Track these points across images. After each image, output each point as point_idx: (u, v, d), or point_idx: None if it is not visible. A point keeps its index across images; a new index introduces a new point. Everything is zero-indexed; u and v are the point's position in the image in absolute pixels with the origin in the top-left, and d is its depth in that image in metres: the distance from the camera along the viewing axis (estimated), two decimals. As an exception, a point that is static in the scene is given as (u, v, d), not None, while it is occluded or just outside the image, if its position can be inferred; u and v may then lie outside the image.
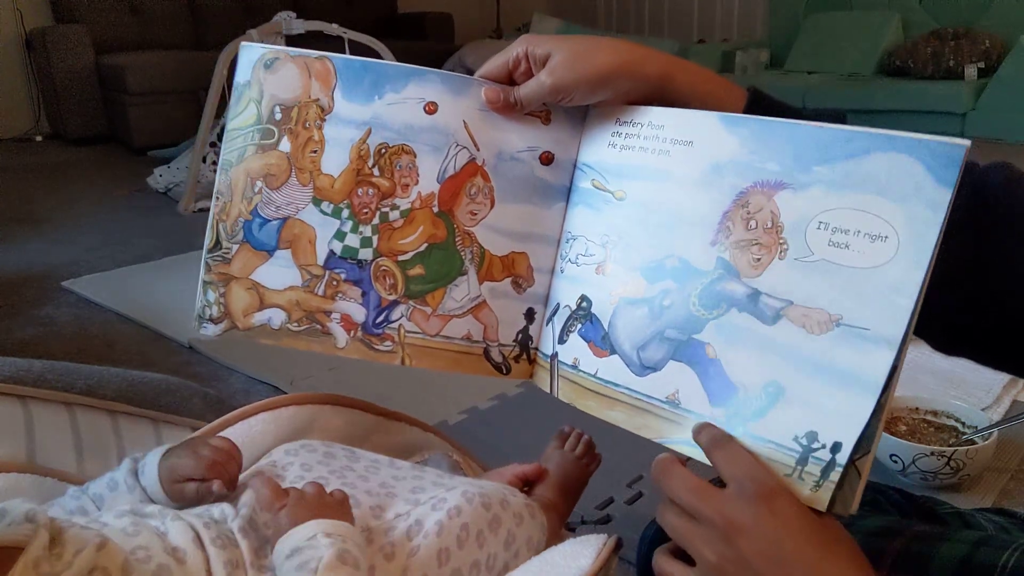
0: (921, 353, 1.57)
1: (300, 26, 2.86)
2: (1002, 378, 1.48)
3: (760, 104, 0.62)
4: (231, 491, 0.61)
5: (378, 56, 2.98)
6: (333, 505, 0.57)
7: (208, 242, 0.68)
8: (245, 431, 0.70)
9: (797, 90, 4.30)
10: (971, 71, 4.10)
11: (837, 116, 0.57)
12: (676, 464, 0.52)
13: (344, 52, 3.27)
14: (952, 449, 1.15)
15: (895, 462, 1.17)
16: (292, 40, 2.90)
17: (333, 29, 2.93)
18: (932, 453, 1.14)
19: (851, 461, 0.48)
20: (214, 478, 0.59)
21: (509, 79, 0.66)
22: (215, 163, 2.97)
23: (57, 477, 0.68)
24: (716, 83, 0.63)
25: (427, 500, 0.63)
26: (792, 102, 0.64)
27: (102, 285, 2.14)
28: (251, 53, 0.68)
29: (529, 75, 0.65)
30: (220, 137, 3.11)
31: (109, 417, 0.74)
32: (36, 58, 4.27)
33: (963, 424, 1.25)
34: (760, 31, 5.40)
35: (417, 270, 0.67)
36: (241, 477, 0.65)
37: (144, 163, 3.67)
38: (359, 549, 0.55)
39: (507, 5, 6.12)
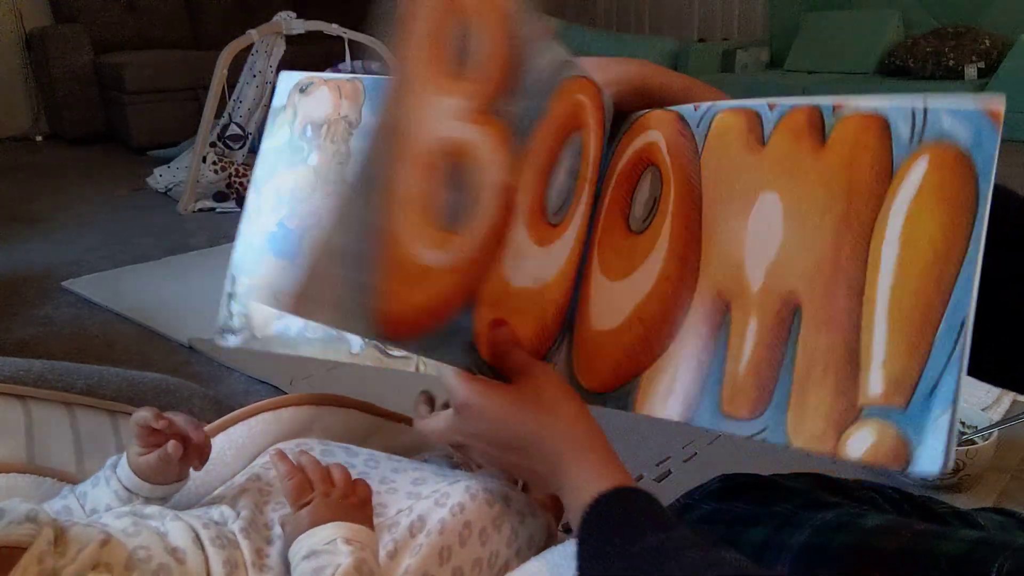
0: (921, 353, 1.57)
1: (300, 26, 2.86)
2: (1002, 378, 1.48)
3: None
4: (200, 461, 0.61)
5: (378, 56, 2.98)
6: (357, 505, 0.57)
7: (236, 255, 0.70)
8: (245, 432, 0.70)
9: (797, 89, 4.29)
10: (971, 71, 4.10)
11: None
12: (419, 422, 0.61)
13: (344, 52, 3.23)
14: (952, 449, 1.14)
15: (895, 462, 1.17)
16: (291, 40, 2.90)
17: (333, 29, 2.92)
18: (932, 453, 1.14)
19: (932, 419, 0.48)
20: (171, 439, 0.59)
21: None
22: (215, 163, 2.97)
23: (57, 477, 0.68)
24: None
25: (429, 494, 0.63)
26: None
27: (102, 285, 2.14)
28: (289, 80, 0.71)
29: None
30: (220, 137, 3.11)
31: (109, 417, 0.74)
32: (35, 58, 4.27)
33: (963, 424, 1.25)
34: (760, 30, 5.40)
35: None
36: (239, 479, 0.65)
37: (144, 163, 3.67)
38: (375, 558, 0.55)
39: (507, 4, 6.11)
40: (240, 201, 2.80)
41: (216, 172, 2.98)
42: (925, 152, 0.50)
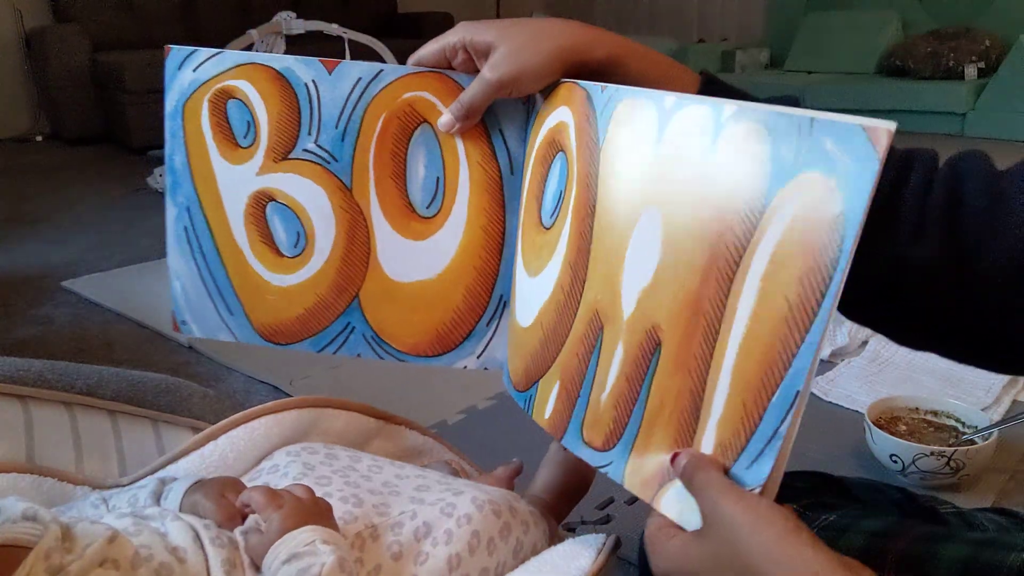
0: (920, 353, 1.57)
1: (300, 26, 2.86)
2: (1002, 378, 1.48)
3: (712, 89, 0.60)
4: None
5: (379, 56, 2.98)
6: (326, 513, 0.57)
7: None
8: (247, 434, 0.70)
9: (796, 90, 4.29)
10: (971, 71, 4.10)
11: (791, 101, 0.57)
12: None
13: (344, 52, 3.24)
14: (952, 449, 1.14)
15: (895, 462, 1.17)
16: (291, 40, 2.90)
17: (333, 29, 2.92)
18: (932, 453, 1.14)
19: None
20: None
21: (447, 66, 0.65)
22: (214, 163, 2.96)
23: (57, 477, 0.67)
24: (669, 68, 0.61)
25: (435, 501, 0.63)
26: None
27: (102, 285, 2.14)
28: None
29: (468, 65, 0.63)
30: (219, 137, 3.10)
31: (109, 417, 0.74)
32: (35, 58, 4.27)
33: (963, 424, 1.25)
34: (760, 30, 5.40)
35: None
36: (244, 479, 0.65)
37: (143, 162, 3.67)
38: (352, 559, 0.55)
39: (506, 5, 6.12)
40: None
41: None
42: (800, 187, 0.43)
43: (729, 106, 0.48)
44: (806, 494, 0.66)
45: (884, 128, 0.40)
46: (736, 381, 0.46)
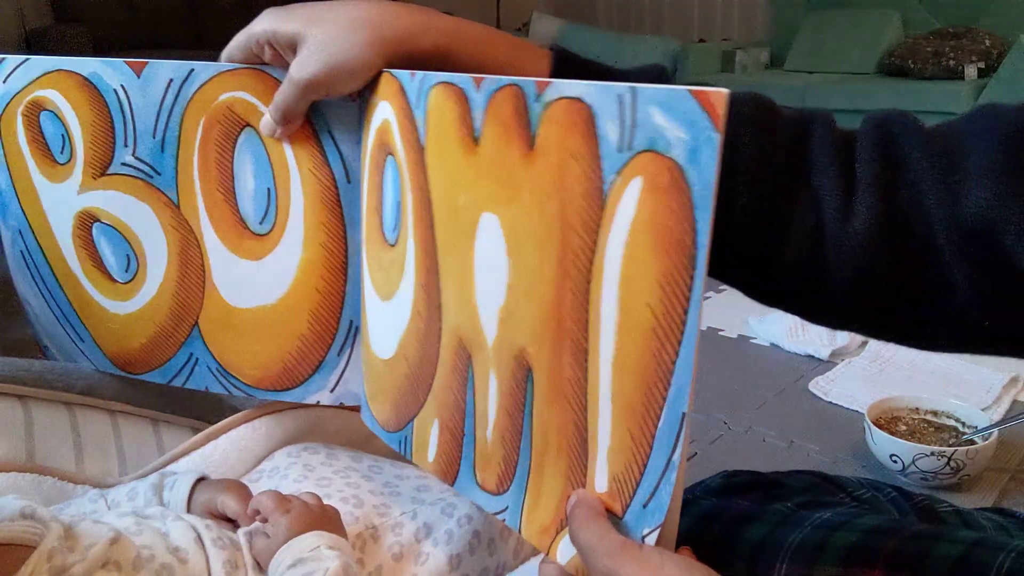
0: (920, 353, 1.57)
1: (300, 25, 2.86)
2: (1002, 378, 1.48)
3: (565, 67, 0.53)
4: None
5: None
6: (332, 518, 0.57)
7: None
8: (248, 434, 0.70)
9: (797, 89, 4.29)
10: (971, 71, 4.10)
11: (657, 72, 0.51)
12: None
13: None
14: (952, 449, 1.15)
15: (895, 462, 1.17)
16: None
17: (333, 28, 2.92)
18: (932, 453, 1.14)
19: None
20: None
21: (259, 61, 0.57)
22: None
23: (57, 476, 0.68)
24: (513, 50, 0.54)
25: (435, 501, 0.63)
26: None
27: (102, 285, 2.14)
28: None
29: (279, 59, 0.55)
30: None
31: (109, 416, 0.74)
32: (36, 57, 4.27)
33: (963, 424, 1.25)
34: (761, 30, 5.40)
35: None
36: (244, 480, 0.65)
37: (144, 162, 3.66)
38: (356, 564, 0.55)
39: (507, 4, 6.12)
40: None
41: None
42: (637, 170, 0.36)
43: (541, 83, 0.41)
44: (802, 493, 0.66)
45: (717, 91, 0.34)
46: (618, 407, 0.40)
